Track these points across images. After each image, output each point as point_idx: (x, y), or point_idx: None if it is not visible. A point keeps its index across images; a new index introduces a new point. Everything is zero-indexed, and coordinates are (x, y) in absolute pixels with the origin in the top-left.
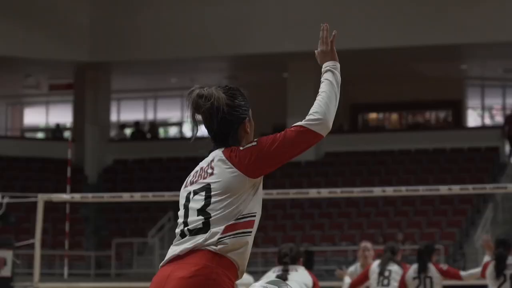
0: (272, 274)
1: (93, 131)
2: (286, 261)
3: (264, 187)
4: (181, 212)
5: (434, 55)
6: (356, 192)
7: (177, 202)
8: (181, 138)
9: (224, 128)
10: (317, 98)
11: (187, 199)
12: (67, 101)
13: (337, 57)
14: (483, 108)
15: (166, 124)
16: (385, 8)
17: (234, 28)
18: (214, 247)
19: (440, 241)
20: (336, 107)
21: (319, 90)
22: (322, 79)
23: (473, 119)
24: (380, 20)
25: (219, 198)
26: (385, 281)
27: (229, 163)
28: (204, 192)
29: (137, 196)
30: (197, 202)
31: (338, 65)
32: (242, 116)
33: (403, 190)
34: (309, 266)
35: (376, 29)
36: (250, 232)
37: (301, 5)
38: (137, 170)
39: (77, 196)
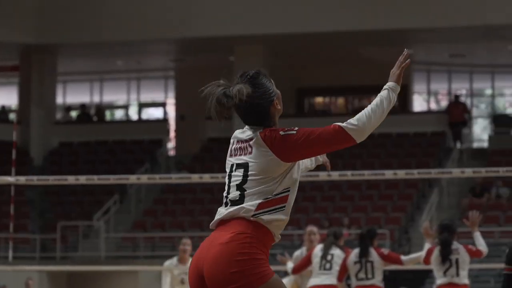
0: None
1: (39, 114)
2: None
3: (212, 171)
4: (226, 182)
5: (380, 40)
6: (302, 176)
7: (123, 185)
8: (127, 121)
9: (256, 116)
10: (364, 108)
11: (230, 171)
12: (13, 83)
13: (400, 80)
14: (429, 93)
15: (112, 107)
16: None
17: (181, 11)
18: (250, 218)
19: (385, 226)
20: (379, 122)
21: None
22: (378, 94)
23: (419, 104)
24: (326, 4)
25: (255, 178)
26: (327, 265)
27: (266, 147)
28: (243, 170)
29: (82, 179)
30: (236, 177)
31: (398, 88)
32: (270, 99)
33: (349, 175)
34: None
35: (323, 14)
36: (284, 207)
37: None
38: (82, 152)
39: (22, 179)
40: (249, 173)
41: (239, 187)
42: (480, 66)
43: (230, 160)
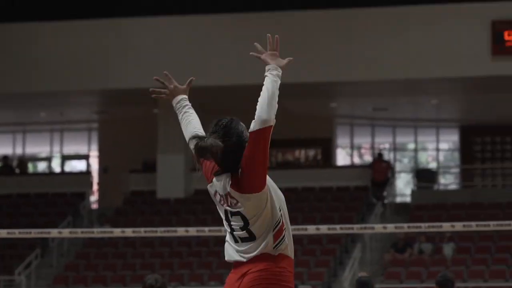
0: None
1: None
2: None
3: (134, 225)
4: (225, 224)
5: (303, 93)
6: (224, 230)
7: (44, 239)
8: (50, 173)
9: (231, 162)
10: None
11: (227, 216)
12: None
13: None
14: (352, 147)
15: (34, 159)
16: (254, 46)
17: (104, 62)
18: (273, 253)
19: (308, 282)
20: (274, 100)
21: None
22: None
23: (342, 157)
24: (249, 57)
25: (255, 218)
26: None
27: (239, 192)
28: (240, 216)
29: (3, 233)
30: (237, 221)
31: (274, 67)
32: (243, 145)
33: None
34: None
35: (246, 66)
36: (284, 233)
37: (171, 41)
38: (4, 205)
39: None
40: (247, 217)
41: (244, 228)
42: (403, 120)
43: (223, 207)
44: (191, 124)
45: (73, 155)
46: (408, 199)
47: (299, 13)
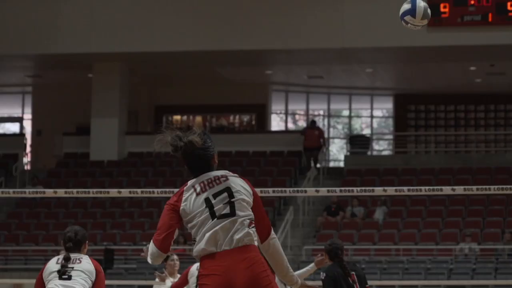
0: (55, 265)
1: None
2: (69, 246)
3: (67, 186)
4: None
5: (238, 60)
6: (157, 192)
7: None
8: None
9: (202, 163)
10: None
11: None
12: None
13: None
14: (286, 113)
15: None
16: (190, 12)
17: (39, 27)
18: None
19: None
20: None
21: None
22: None
23: (276, 123)
24: (185, 24)
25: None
26: None
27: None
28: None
29: None
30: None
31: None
32: (212, 152)
33: None
34: (109, 265)
35: (181, 33)
36: None
37: (108, 7)
38: None
39: None
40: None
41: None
42: (337, 88)
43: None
44: None
45: (7, 118)
46: (341, 164)
47: None
